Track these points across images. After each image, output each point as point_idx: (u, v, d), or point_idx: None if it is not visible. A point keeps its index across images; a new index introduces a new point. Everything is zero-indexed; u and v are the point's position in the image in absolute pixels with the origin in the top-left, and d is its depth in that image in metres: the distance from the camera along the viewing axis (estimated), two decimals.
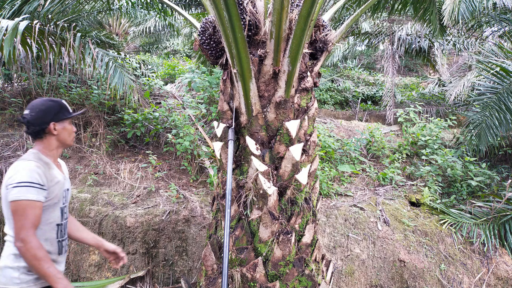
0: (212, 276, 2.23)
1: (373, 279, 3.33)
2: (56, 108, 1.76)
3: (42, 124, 1.70)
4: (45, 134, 1.73)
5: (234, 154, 2.24)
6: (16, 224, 1.55)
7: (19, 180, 1.57)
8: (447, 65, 12.01)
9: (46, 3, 3.91)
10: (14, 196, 1.55)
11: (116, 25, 12.33)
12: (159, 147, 5.01)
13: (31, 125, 1.70)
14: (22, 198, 1.55)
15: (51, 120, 1.73)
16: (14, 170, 1.61)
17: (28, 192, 1.56)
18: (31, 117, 1.69)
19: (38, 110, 1.71)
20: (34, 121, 1.69)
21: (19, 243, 1.54)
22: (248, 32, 2.12)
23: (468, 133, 4.84)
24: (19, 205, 1.55)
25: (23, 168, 1.60)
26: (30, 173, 1.59)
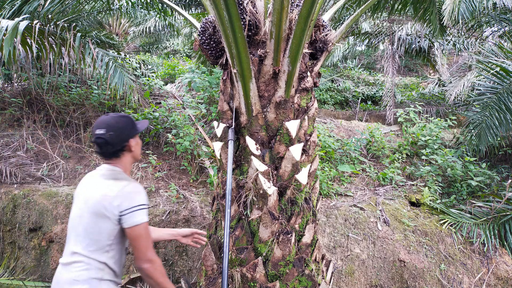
0: (212, 276, 2.23)
1: (373, 279, 3.33)
2: (130, 124, 1.71)
3: (122, 142, 1.65)
4: (123, 152, 1.68)
5: (234, 154, 2.24)
6: (141, 247, 1.53)
7: (142, 203, 1.56)
8: (447, 65, 12.00)
9: (46, 3, 3.91)
10: (135, 221, 1.53)
11: (116, 25, 12.33)
12: (159, 147, 5.01)
13: (110, 145, 1.62)
14: (144, 221, 1.55)
15: (129, 137, 1.68)
16: (127, 190, 1.57)
17: (145, 214, 1.57)
18: (110, 136, 1.60)
19: (116, 128, 1.63)
20: (114, 140, 1.62)
21: (147, 264, 1.52)
22: (248, 32, 2.12)
23: (468, 133, 4.84)
24: (143, 228, 1.54)
25: (139, 191, 1.59)
26: (144, 195, 1.60)
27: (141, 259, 1.53)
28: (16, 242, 3.60)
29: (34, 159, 4.42)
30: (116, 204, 1.54)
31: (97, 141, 1.62)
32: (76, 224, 1.60)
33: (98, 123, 1.64)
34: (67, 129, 4.97)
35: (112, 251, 1.59)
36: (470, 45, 7.94)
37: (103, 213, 1.54)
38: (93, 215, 1.56)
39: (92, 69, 3.76)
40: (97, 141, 1.63)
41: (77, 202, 1.66)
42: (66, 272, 1.55)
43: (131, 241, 1.55)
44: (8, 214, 3.65)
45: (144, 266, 1.52)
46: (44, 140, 4.60)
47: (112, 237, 1.57)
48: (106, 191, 1.57)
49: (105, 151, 1.65)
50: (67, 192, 3.84)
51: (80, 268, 1.54)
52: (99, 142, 1.62)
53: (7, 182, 3.98)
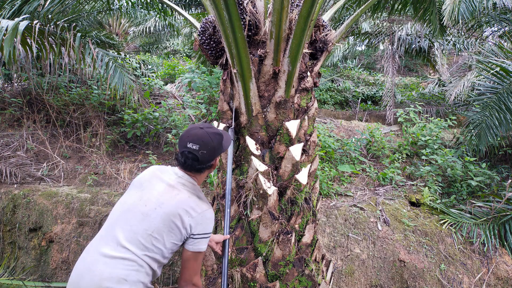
0: (212, 276, 2.23)
1: (373, 279, 3.33)
2: (222, 142, 1.61)
3: (211, 161, 1.60)
4: (206, 170, 1.63)
5: (234, 154, 2.24)
6: (192, 270, 1.56)
7: (210, 231, 1.58)
8: (447, 65, 12.00)
9: (46, 3, 3.91)
10: (201, 247, 1.55)
11: (116, 25, 12.33)
12: (159, 147, 5.01)
13: (199, 163, 1.56)
14: (204, 250, 1.56)
15: (218, 156, 1.64)
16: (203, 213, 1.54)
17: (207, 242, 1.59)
18: (202, 155, 1.54)
19: (210, 148, 1.55)
20: (205, 159, 1.56)
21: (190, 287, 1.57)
22: (248, 32, 2.12)
23: (468, 133, 4.84)
24: (200, 255, 1.57)
25: (212, 219, 1.58)
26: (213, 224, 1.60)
27: (187, 281, 1.56)
28: (16, 242, 3.60)
29: (34, 159, 4.42)
30: (193, 225, 1.52)
31: (187, 156, 1.55)
32: (137, 219, 1.48)
33: (192, 137, 1.55)
34: (67, 129, 4.97)
35: (164, 263, 1.56)
36: (470, 45, 7.94)
37: (178, 226, 1.49)
38: (166, 223, 1.48)
39: (92, 69, 3.76)
40: (187, 156, 1.55)
41: (143, 195, 1.54)
42: (111, 266, 1.40)
43: (186, 262, 1.56)
44: (8, 214, 3.65)
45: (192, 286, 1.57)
46: (44, 140, 4.60)
47: (172, 251, 1.55)
48: (189, 208, 1.51)
49: (191, 166, 1.58)
50: (67, 192, 3.84)
51: (131, 268, 1.42)
52: (189, 157, 1.55)
53: (7, 182, 3.98)
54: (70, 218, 3.59)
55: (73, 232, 3.53)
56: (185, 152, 1.55)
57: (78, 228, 3.56)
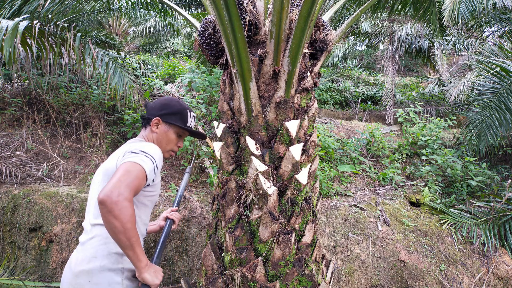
0: (212, 276, 2.22)
1: (373, 279, 3.33)
2: (174, 109, 1.67)
3: (151, 114, 1.66)
4: (148, 126, 1.67)
5: (234, 154, 2.24)
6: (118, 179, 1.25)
7: (147, 151, 1.41)
8: (447, 65, 12.00)
9: (46, 3, 3.91)
10: (134, 158, 1.35)
11: (116, 25, 12.33)
12: None
13: (147, 110, 1.69)
14: (140, 163, 1.34)
15: (162, 116, 1.65)
16: (139, 145, 1.47)
17: (148, 165, 1.37)
18: (151, 103, 1.69)
19: (159, 101, 1.69)
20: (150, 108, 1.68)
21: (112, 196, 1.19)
22: (248, 32, 2.12)
23: (468, 133, 4.84)
24: (133, 167, 1.32)
25: (152, 146, 1.49)
26: (158, 153, 1.48)
27: (108, 190, 1.21)
28: (16, 242, 3.60)
29: (34, 159, 4.42)
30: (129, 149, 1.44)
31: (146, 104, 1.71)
32: (92, 194, 1.49)
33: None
34: (67, 129, 4.97)
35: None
36: (470, 45, 7.94)
37: (112, 170, 1.42)
38: (103, 177, 1.46)
39: (92, 69, 3.76)
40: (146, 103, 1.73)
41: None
42: (82, 251, 1.39)
43: (115, 173, 1.29)
44: (8, 214, 3.65)
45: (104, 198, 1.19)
46: (44, 140, 4.60)
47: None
48: (120, 150, 1.50)
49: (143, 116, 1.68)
50: (67, 192, 3.84)
51: (98, 243, 1.38)
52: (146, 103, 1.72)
53: (7, 182, 3.98)
54: (70, 218, 3.59)
55: (73, 232, 3.53)
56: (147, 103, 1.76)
57: (78, 228, 3.56)
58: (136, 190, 1.30)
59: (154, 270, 1.37)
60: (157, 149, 1.49)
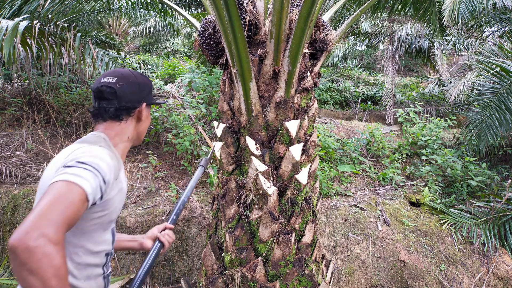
0: (212, 276, 2.22)
1: (373, 279, 3.33)
2: (150, 87, 1.29)
3: (134, 102, 1.22)
4: (128, 117, 1.23)
5: (234, 154, 2.24)
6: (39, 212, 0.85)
7: (87, 161, 1.00)
8: (447, 65, 12.00)
9: (46, 3, 3.91)
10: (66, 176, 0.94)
11: (116, 25, 12.34)
12: (159, 147, 5.01)
13: (117, 98, 1.17)
14: (76, 182, 0.93)
15: (144, 99, 1.25)
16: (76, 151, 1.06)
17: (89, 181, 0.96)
18: (120, 87, 1.17)
19: (131, 82, 1.20)
20: (125, 94, 1.18)
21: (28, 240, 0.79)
22: (248, 32, 2.12)
23: (468, 133, 4.84)
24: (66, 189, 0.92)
25: (96, 151, 1.07)
26: (106, 159, 1.06)
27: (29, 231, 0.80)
28: None
29: (34, 159, 4.42)
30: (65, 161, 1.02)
31: (101, 89, 1.16)
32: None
33: (107, 72, 1.22)
34: (67, 129, 4.97)
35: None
36: (470, 45, 7.94)
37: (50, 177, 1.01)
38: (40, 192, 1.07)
39: (92, 69, 3.76)
40: (100, 89, 1.17)
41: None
42: None
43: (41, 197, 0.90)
44: (8, 214, 3.65)
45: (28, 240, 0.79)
46: (44, 140, 4.60)
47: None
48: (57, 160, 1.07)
49: (105, 107, 1.18)
50: None
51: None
52: (105, 90, 1.16)
53: (7, 182, 3.98)
54: None
55: None
56: (99, 88, 1.17)
57: None
58: (70, 222, 0.90)
59: None
60: (103, 154, 1.08)
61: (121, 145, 1.25)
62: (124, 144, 1.26)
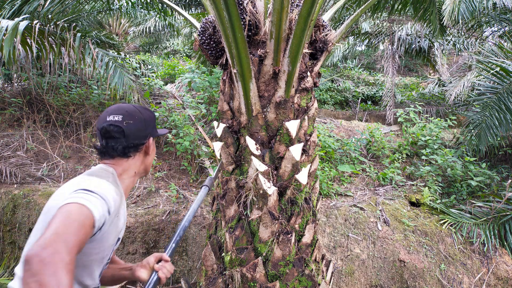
0: (212, 276, 2.22)
1: (373, 279, 3.33)
2: (154, 120, 1.30)
3: (141, 138, 1.23)
4: (136, 153, 1.24)
5: (234, 154, 2.24)
6: (54, 231, 0.87)
7: (94, 190, 1.03)
8: (447, 65, 12.00)
9: (46, 3, 3.91)
10: (76, 199, 0.97)
11: (116, 25, 12.34)
12: (159, 147, 5.01)
13: (124, 137, 1.18)
14: (86, 204, 0.96)
15: (150, 134, 1.27)
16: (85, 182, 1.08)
17: (97, 207, 0.99)
18: (127, 126, 1.18)
19: (137, 119, 1.21)
20: (132, 132, 1.19)
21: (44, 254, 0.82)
22: (248, 32, 2.12)
23: (468, 133, 4.84)
24: (76, 211, 0.94)
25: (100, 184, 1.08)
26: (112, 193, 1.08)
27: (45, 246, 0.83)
28: (16, 242, 3.60)
29: (34, 159, 4.42)
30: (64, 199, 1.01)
31: (108, 129, 1.17)
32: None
33: (112, 109, 1.21)
34: (67, 129, 4.98)
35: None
36: (470, 45, 7.94)
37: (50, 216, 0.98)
38: (43, 221, 1.05)
39: (92, 69, 3.76)
40: (107, 129, 1.17)
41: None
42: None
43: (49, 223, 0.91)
44: (8, 214, 3.65)
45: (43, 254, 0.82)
46: (44, 140, 4.60)
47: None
48: (65, 188, 1.07)
49: (113, 146, 1.19)
50: None
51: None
52: (111, 130, 1.17)
53: (7, 182, 3.98)
54: None
55: None
56: (106, 127, 1.17)
57: None
58: (80, 245, 0.91)
59: None
60: (110, 188, 1.10)
61: (127, 181, 1.26)
62: (131, 180, 1.27)
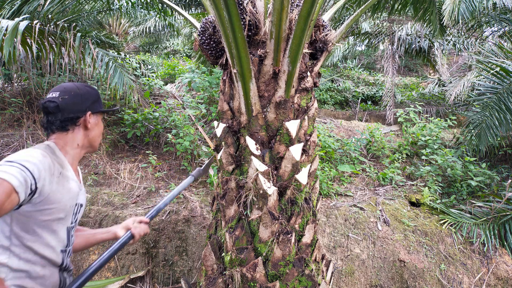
0: (212, 276, 2.23)
1: (373, 279, 3.33)
2: (95, 96, 1.39)
3: (77, 112, 1.32)
4: (75, 126, 1.33)
5: (234, 154, 2.24)
6: None
7: (13, 159, 1.11)
8: (447, 65, 12.01)
9: (46, 3, 3.91)
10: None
11: (116, 25, 12.34)
12: (159, 147, 5.01)
13: (60, 111, 1.28)
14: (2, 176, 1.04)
15: (88, 108, 1.35)
16: (12, 154, 1.17)
17: (15, 175, 1.06)
18: (62, 100, 1.29)
19: (73, 94, 1.31)
20: (67, 106, 1.29)
21: None
22: (248, 32, 2.12)
23: (468, 133, 4.84)
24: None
25: (22, 152, 1.16)
26: (26, 157, 1.13)
27: None
28: None
29: None
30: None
31: (45, 105, 1.28)
32: None
33: (53, 88, 1.33)
34: None
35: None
36: (470, 45, 7.94)
37: None
38: None
39: (92, 69, 3.76)
40: (45, 105, 1.28)
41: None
42: None
43: None
44: None
45: None
46: (44, 140, 4.60)
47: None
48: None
49: (53, 120, 1.29)
50: None
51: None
52: (48, 106, 1.27)
53: None
54: None
55: None
56: (44, 104, 1.30)
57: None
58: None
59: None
60: (35, 153, 1.17)
61: (72, 152, 1.35)
62: (75, 151, 1.36)
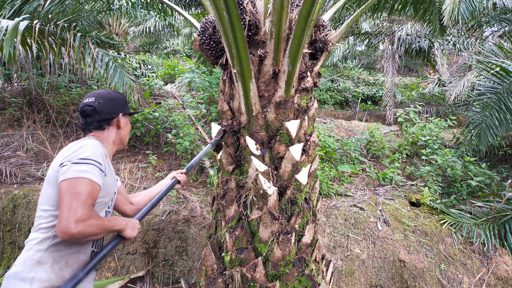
0: (212, 276, 2.23)
1: (373, 279, 3.33)
2: (124, 100, 1.62)
3: (111, 113, 1.53)
4: (109, 126, 1.55)
5: (234, 154, 2.24)
6: (69, 207, 1.20)
7: (87, 157, 1.31)
8: (447, 65, 12.01)
9: (46, 3, 3.91)
10: (74, 173, 1.26)
11: (116, 25, 12.33)
12: (159, 147, 5.01)
13: (97, 113, 1.49)
14: (83, 176, 1.26)
15: (120, 110, 1.57)
16: (73, 147, 1.35)
17: (94, 173, 1.29)
18: (99, 104, 1.50)
19: (107, 98, 1.53)
20: (103, 108, 1.50)
21: (74, 226, 1.18)
22: (248, 32, 2.12)
23: (468, 133, 4.84)
24: (77, 183, 1.25)
25: (86, 145, 1.36)
26: (98, 150, 1.37)
27: (67, 222, 1.18)
28: (16, 242, 3.60)
29: (34, 159, 4.42)
30: (60, 161, 1.33)
31: (84, 109, 1.49)
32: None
33: (87, 95, 1.55)
34: (67, 129, 4.97)
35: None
36: (470, 45, 7.94)
37: (52, 177, 1.34)
38: (46, 186, 1.36)
39: (92, 69, 3.76)
40: (84, 109, 1.49)
41: None
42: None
43: (61, 198, 1.24)
44: (8, 214, 3.65)
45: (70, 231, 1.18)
46: (44, 140, 4.60)
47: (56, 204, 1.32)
48: (60, 155, 1.37)
49: (91, 121, 1.50)
50: None
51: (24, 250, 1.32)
52: (87, 109, 1.48)
53: (7, 182, 3.98)
54: None
55: None
56: (83, 108, 1.50)
57: None
58: (92, 204, 1.28)
59: (132, 225, 1.46)
60: (95, 147, 1.38)
61: (108, 147, 1.56)
62: (110, 147, 1.58)
